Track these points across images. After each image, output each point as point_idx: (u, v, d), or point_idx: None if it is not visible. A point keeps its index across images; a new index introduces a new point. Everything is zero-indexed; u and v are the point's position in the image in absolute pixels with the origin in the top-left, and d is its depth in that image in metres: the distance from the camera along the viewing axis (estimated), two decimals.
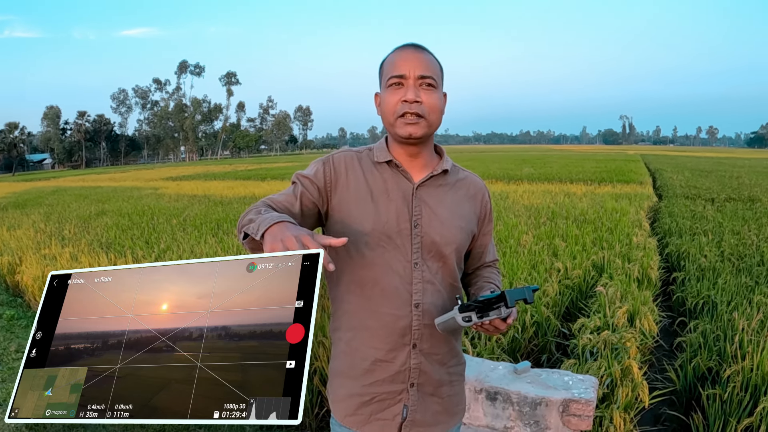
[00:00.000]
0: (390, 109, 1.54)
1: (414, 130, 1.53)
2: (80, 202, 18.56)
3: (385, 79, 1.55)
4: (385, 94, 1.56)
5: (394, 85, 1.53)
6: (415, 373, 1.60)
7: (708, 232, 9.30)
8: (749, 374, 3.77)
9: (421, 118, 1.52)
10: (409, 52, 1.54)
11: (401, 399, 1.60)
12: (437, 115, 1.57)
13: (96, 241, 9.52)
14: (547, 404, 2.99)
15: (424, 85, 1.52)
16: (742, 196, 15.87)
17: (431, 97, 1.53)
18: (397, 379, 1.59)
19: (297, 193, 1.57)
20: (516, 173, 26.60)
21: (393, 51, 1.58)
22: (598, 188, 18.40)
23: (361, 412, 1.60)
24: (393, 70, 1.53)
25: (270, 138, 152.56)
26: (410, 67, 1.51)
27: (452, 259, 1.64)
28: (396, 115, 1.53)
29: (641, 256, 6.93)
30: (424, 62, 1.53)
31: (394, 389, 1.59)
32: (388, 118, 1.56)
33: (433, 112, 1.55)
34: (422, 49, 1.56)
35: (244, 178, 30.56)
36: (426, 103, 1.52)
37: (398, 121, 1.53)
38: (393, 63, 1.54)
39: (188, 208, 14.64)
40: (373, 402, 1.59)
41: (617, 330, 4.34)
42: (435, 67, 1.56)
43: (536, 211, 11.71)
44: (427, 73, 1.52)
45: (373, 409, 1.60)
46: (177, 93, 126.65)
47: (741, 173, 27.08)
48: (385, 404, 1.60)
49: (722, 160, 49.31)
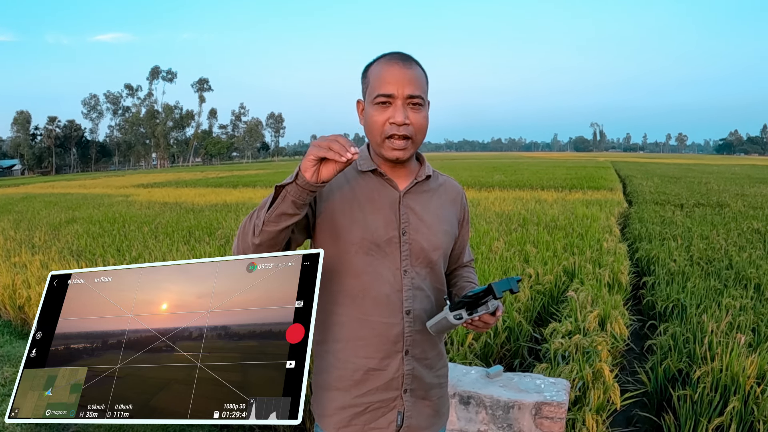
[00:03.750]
0: (377, 128, 1.52)
1: (401, 154, 1.53)
2: (50, 209, 18.26)
3: (372, 94, 1.52)
4: (372, 111, 1.52)
5: (381, 104, 1.50)
6: (408, 378, 1.60)
7: (677, 237, 9.44)
8: (719, 375, 3.83)
9: (409, 139, 1.52)
10: (397, 68, 1.50)
11: (395, 406, 1.60)
12: (423, 134, 1.56)
13: (67, 249, 9.37)
14: (520, 407, 3.00)
15: (412, 104, 1.51)
16: (710, 201, 16.17)
17: (419, 117, 1.52)
18: (391, 387, 1.59)
19: None
20: (487, 180, 26.78)
21: (379, 61, 1.54)
22: (569, 195, 18.61)
23: (355, 422, 1.58)
24: (380, 87, 1.49)
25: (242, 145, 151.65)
26: (398, 87, 1.48)
27: (439, 263, 1.65)
28: (383, 136, 1.52)
29: (612, 261, 7.01)
30: (413, 81, 1.50)
31: (388, 397, 1.59)
32: (375, 137, 1.54)
33: (419, 132, 1.54)
34: (410, 63, 1.52)
35: (215, 186, 30.32)
36: (414, 124, 1.51)
37: (386, 143, 1.52)
38: (381, 79, 1.50)
39: (160, 216, 14.48)
40: (367, 411, 1.58)
41: (588, 334, 4.38)
42: (422, 82, 1.53)
43: (507, 217, 11.79)
44: (416, 93, 1.50)
45: (368, 418, 1.59)
46: (149, 99, 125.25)
47: (710, 179, 27.59)
48: (379, 413, 1.59)
49: (691, 166, 50.21)
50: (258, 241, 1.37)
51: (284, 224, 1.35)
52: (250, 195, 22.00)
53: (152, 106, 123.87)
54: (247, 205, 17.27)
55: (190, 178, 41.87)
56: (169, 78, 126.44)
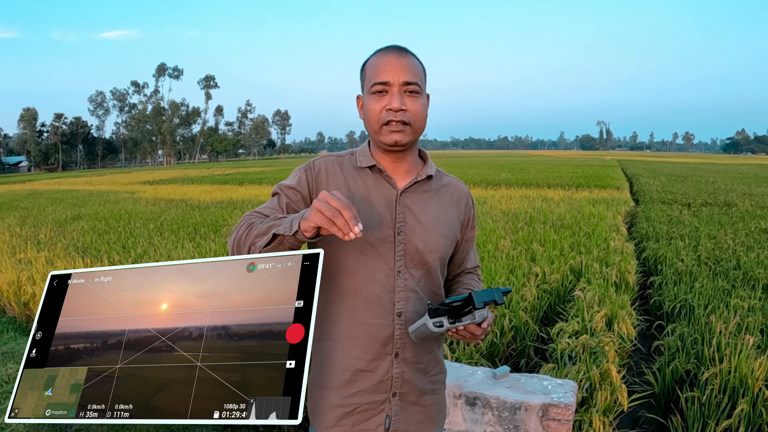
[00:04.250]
0: (374, 116, 1.51)
1: (399, 137, 1.51)
2: (56, 206, 18.34)
3: (369, 84, 1.52)
4: (369, 101, 1.52)
5: (377, 93, 1.50)
6: (398, 382, 1.57)
7: (685, 237, 9.41)
8: (727, 377, 3.80)
9: (407, 125, 1.50)
10: (393, 57, 1.50)
11: (383, 409, 1.58)
12: (422, 122, 1.54)
13: (72, 246, 9.41)
14: (527, 409, 2.98)
15: (408, 92, 1.49)
16: (718, 201, 16.11)
17: (416, 104, 1.51)
18: (379, 389, 1.57)
19: (282, 205, 1.54)
20: (494, 178, 26.77)
21: (376, 54, 1.55)
22: (576, 193, 18.57)
23: (343, 423, 1.57)
24: (376, 76, 1.49)
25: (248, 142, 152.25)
26: (394, 74, 1.48)
27: (436, 266, 1.62)
28: (380, 123, 1.50)
29: (619, 261, 6.98)
30: (408, 68, 1.49)
31: (377, 399, 1.57)
32: (372, 125, 1.53)
33: (418, 119, 1.52)
34: (405, 53, 1.53)
35: (221, 183, 30.39)
36: (411, 110, 1.50)
37: (383, 129, 1.51)
38: (376, 68, 1.50)
39: (165, 213, 14.53)
40: (356, 413, 1.57)
41: (595, 334, 4.36)
42: (419, 71, 1.53)
43: (514, 216, 11.77)
44: (412, 80, 1.49)
45: (356, 419, 1.57)
46: (155, 96, 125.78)
47: (717, 178, 27.50)
48: (367, 414, 1.57)
49: (698, 165, 50.05)
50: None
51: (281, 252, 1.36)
52: (256, 192, 22.05)
53: (158, 103, 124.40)
54: (253, 202, 17.30)
55: (196, 175, 41.99)
56: (176, 75, 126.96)
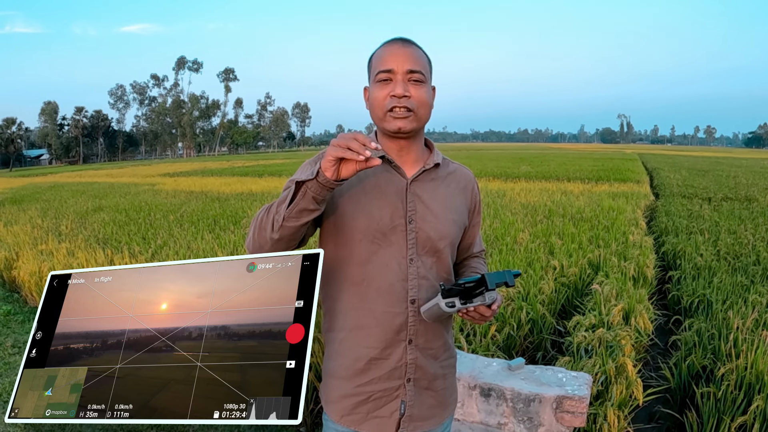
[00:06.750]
0: (379, 104, 1.54)
1: (403, 124, 1.53)
2: (77, 198, 18.49)
3: (374, 73, 1.54)
4: (374, 89, 1.55)
5: (382, 81, 1.52)
6: (411, 368, 1.60)
7: (704, 231, 9.30)
8: (743, 373, 3.78)
9: (411, 112, 1.52)
10: (397, 46, 1.53)
11: (398, 395, 1.60)
12: (426, 110, 1.56)
13: (93, 237, 9.49)
14: (541, 401, 2.99)
15: (413, 80, 1.52)
16: (738, 195, 15.88)
17: (420, 92, 1.53)
18: (394, 376, 1.59)
19: None
20: (513, 171, 26.57)
21: (381, 45, 1.58)
22: (596, 187, 18.40)
23: (358, 411, 1.59)
24: (381, 64, 1.52)
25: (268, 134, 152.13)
26: (398, 62, 1.50)
27: (446, 253, 1.64)
28: (385, 110, 1.53)
29: (637, 255, 6.93)
30: (412, 56, 1.52)
31: (391, 386, 1.59)
32: (377, 112, 1.55)
33: (422, 106, 1.54)
34: (410, 43, 1.55)
35: (241, 175, 30.47)
36: (415, 98, 1.52)
37: (387, 115, 1.53)
38: (381, 57, 1.53)
39: (185, 204, 14.59)
40: (370, 400, 1.59)
41: (612, 328, 4.35)
42: (423, 61, 1.55)
43: (533, 209, 11.71)
44: (416, 68, 1.51)
45: (371, 407, 1.59)
46: (175, 89, 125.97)
47: (738, 173, 27.09)
48: (382, 401, 1.59)
49: (720, 159, 49.33)
50: (278, 236, 1.39)
51: (304, 219, 1.37)
52: (276, 184, 22.05)
53: (178, 96, 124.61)
54: (273, 194, 17.33)
55: (216, 168, 42.12)
56: (195, 68, 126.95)
